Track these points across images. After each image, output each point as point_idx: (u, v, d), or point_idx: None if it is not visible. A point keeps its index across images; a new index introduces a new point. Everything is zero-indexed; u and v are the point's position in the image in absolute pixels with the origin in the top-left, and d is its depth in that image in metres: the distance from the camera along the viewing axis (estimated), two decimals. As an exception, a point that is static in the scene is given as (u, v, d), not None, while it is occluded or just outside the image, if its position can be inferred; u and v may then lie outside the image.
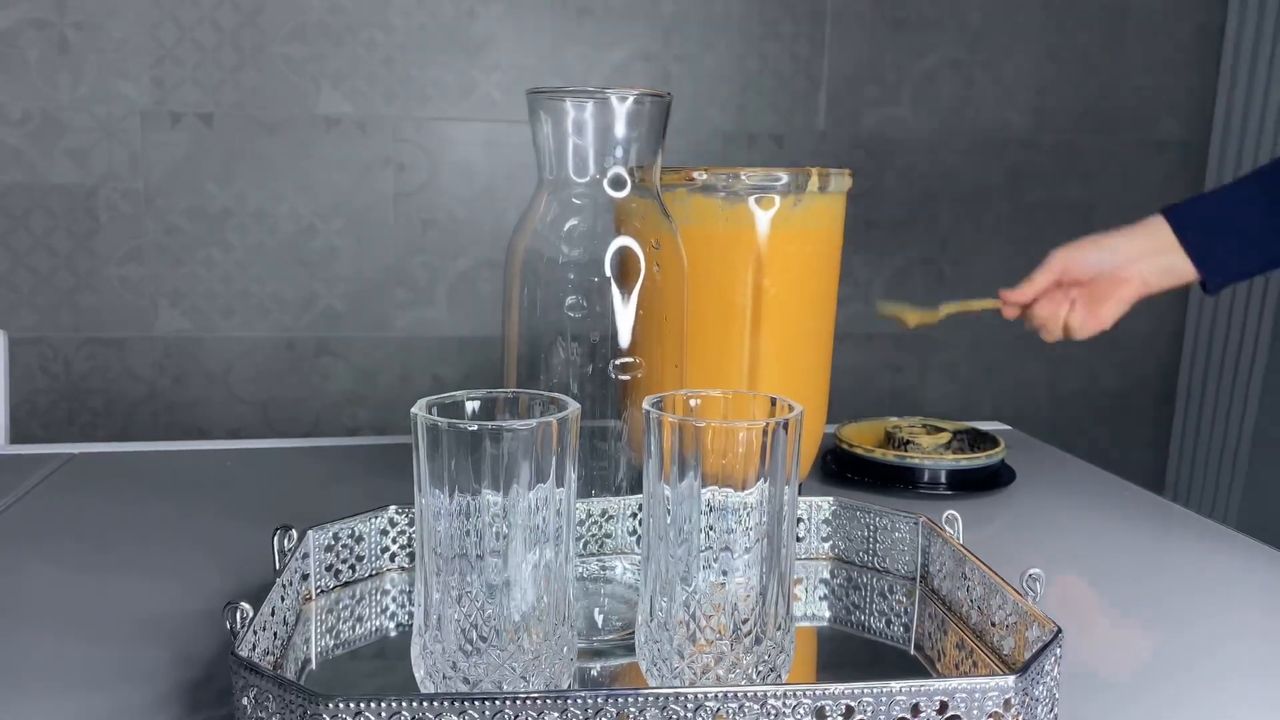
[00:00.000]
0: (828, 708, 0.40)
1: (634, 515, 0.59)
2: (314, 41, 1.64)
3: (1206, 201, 0.84)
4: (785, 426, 0.43)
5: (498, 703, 0.38)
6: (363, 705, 0.38)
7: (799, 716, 0.39)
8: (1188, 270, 0.83)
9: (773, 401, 0.46)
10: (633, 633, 0.48)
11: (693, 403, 0.48)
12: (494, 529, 0.42)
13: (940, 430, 0.88)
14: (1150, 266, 0.83)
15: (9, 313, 1.63)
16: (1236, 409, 1.93)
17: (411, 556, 0.60)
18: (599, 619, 0.54)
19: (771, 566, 0.45)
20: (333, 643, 0.54)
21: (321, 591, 0.57)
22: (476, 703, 0.38)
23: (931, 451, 0.84)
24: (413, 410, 0.43)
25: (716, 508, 0.44)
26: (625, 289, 0.52)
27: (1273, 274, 0.90)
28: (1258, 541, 0.72)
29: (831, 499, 0.64)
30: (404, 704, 0.38)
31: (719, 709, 0.39)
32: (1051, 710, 0.43)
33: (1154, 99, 1.91)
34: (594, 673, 0.51)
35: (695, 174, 0.68)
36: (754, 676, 0.44)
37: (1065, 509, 0.79)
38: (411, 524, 0.60)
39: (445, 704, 0.38)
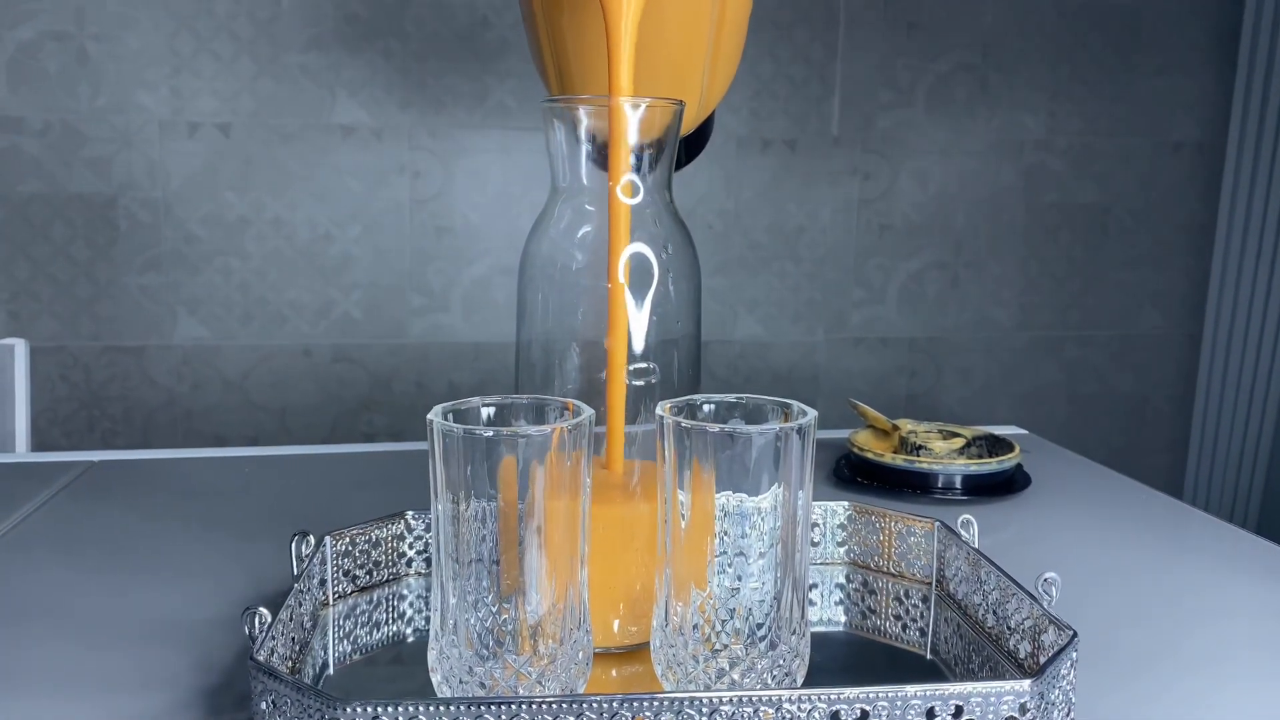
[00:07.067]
0: (843, 712, 0.40)
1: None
2: (330, 50, 1.66)
3: None
4: (799, 432, 0.44)
5: (514, 707, 0.39)
6: (380, 709, 0.38)
7: (814, 721, 0.40)
8: None
9: (786, 407, 0.46)
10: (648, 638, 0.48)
11: (707, 407, 0.48)
12: (509, 534, 0.43)
13: (956, 435, 0.88)
14: None
15: (30, 321, 1.64)
16: (1255, 412, 1.92)
17: (428, 562, 0.61)
18: (614, 624, 0.54)
19: (786, 571, 0.45)
20: (350, 648, 0.54)
21: (339, 597, 0.57)
22: (493, 707, 0.38)
23: (945, 456, 0.84)
24: (429, 416, 0.44)
25: (731, 513, 0.44)
26: (638, 295, 0.52)
27: None
28: (1278, 545, 0.72)
29: (847, 504, 0.64)
30: (421, 708, 0.38)
31: (733, 713, 0.39)
32: (1067, 714, 0.43)
33: (1169, 101, 1.90)
34: (611, 676, 0.51)
35: None
36: (769, 681, 0.45)
37: (1082, 513, 0.79)
38: (428, 529, 0.60)
39: (462, 708, 0.38)
